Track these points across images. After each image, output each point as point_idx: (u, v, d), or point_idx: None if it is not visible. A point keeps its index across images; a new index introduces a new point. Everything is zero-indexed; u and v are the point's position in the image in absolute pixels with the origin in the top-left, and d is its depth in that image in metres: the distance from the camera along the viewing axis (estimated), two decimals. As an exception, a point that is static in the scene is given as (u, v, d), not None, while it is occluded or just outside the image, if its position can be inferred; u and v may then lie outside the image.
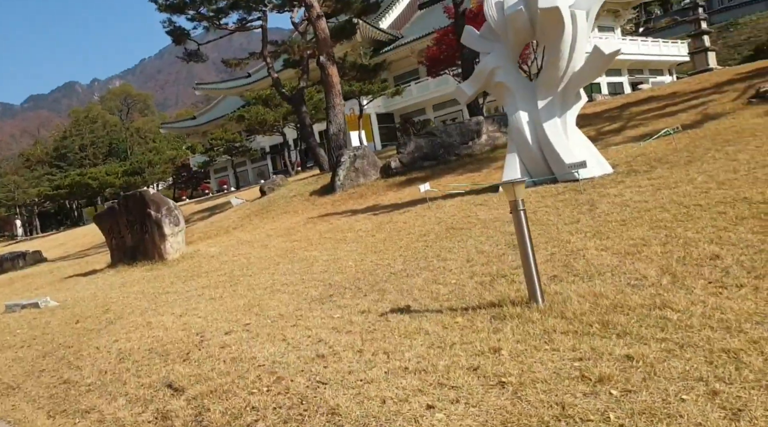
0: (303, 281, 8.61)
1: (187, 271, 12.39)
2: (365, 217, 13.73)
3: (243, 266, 11.21)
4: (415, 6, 66.07)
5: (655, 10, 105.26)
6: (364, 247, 10.23)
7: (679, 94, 21.29)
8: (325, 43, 23.60)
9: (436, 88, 53.31)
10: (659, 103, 20.57)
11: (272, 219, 18.78)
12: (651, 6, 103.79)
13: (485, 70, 12.60)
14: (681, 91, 21.91)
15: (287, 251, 11.80)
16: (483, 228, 9.30)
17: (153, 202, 14.36)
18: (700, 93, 19.97)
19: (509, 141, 12.68)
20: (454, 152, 19.19)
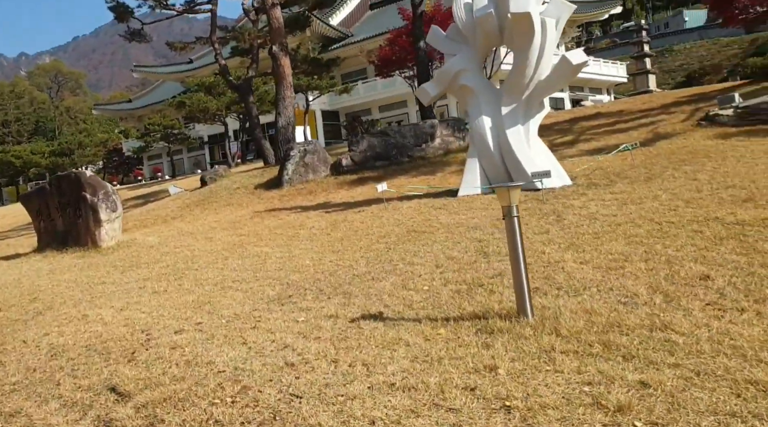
0: (257, 279, 8.07)
1: (124, 260, 11.57)
2: (317, 214, 13.23)
3: (187, 259, 10.53)
4: (366, 5, 65.75)
5: (595, 31, 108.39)
6: (320, 245, 9.76)
7: (627, 113, 21.69)
8: (278, 32, 22.90)
9: (384, 89, 53.08)
10: (608, 119, 20.89)
11: (215, 211, 17.99)
12: (592, 27, 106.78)
13: (450, 71, 12.33)
14: (627, 110, 22.34)
15: (235, 246, 11.17)
16: (447, 233, 8.98)
17: (89, 185, 13.41)
18: (647, 113, 20.37)
19: (470, 145, 12.45)
20: (407, 154, 18.89)
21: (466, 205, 11.01)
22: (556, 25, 11.36)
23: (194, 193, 22.27)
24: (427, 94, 12.72)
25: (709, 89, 25.78)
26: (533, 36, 11.00)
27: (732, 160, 11.26)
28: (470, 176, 12.17)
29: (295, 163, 19.00)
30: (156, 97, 73.49)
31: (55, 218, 13.97)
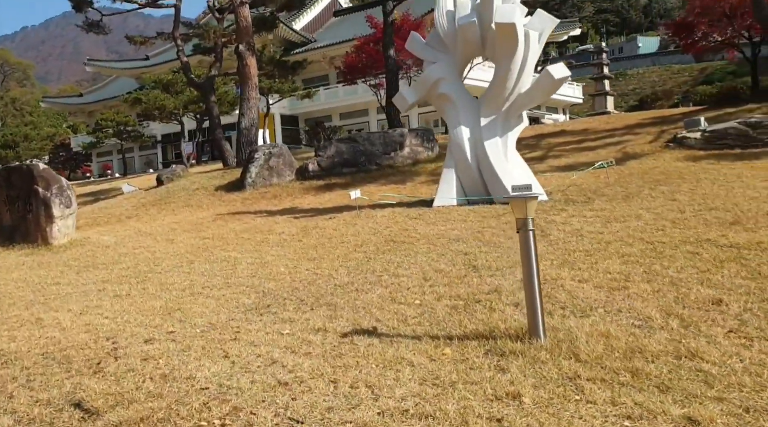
0: (228, 285, 7.57)
1: (78, 260, 10.84)
2: (286, 219, 12.73)
3: (149, 261, 9.90)
4: (330, 12, 65.41)
5: (552, 52, 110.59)
6: (293, 252, 9.29)
7: (591, 131, 21.86)
8: (246, 31, 22.30)
9: (345, 96, 52.74)
10: (574, 137, 21.00)
11: (173, 211, 17.25)
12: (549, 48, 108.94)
13: (429, 79, 12.06)
14: (592, 129, 22.52)
15: (200, 249, 10.59)
16: (429, 244, 8.64)
17: (42, 178, 12.61)
18: (612, 132, 20.56)
19: (447, 155, 12.18)
20: (375, 161, 18.55)
21: (443, 216, 10.71)
22: (539, 38, 11.23)
23: (150, 193, 21.41)
24: (405, 101, 12.41)
25: (668, 113, 26.31)
26: (516, 48, 10.82)
27: (707, 182, 11.27)
28: (446, 186, 11.89)
29: (260, 166, 18.42)
30: (109, 93, 71.58)
31: (2, 212, 13.07)
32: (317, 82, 53.30)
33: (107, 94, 70.93)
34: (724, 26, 25.28)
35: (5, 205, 13.01)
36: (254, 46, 22.68)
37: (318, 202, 15.12)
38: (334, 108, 52.25)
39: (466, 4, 11.83)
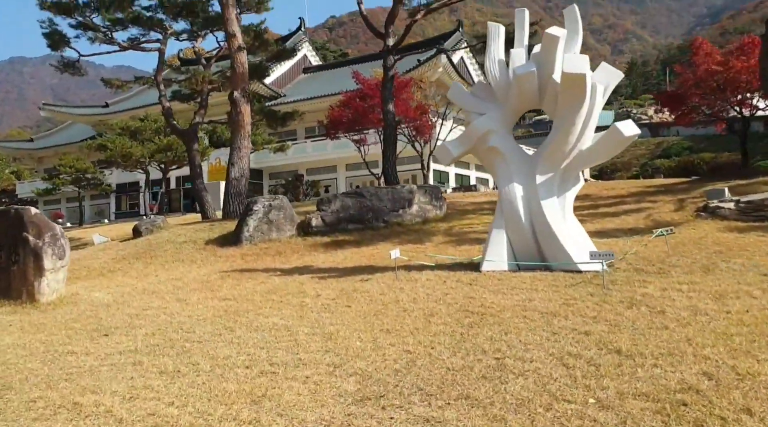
0: (304, 364, 6.17)
1: (78, 322, 9.19)
2: (311, 280, 11.34)
3: (174, 326, 8.36)
4: (299, 69, 65.30)
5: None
6: (351, 321, 7.93)
7: (596, 198, 21.29)
8: (242, 77, 21.19)
9: (314, 151, 51.97)
10: (582, 202, 20.31)
11: (164, 267, 15.57)
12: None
13: (478, 131, 11.11)
14: (594, 195, 21.97)
15: (229, 313, 9.10)
16: (522, 318, 7.43)
17: (33, 224, 10.96)
18: (622, 199, 20.03)
19: (497, 214, 11.11)
20: (383, 218, 17.39)
21: (505, 284, 9.54)
22: (604, 92, 10.45)
23: (129, 245, 19.61)
24: (449, 154, 11.39)
25: (662, 182, 26.18)
26: (583, 101, 9.99)
27: (777, 254, 10.50)
28: (496, 249, 10.78)
29: (258, 219, 17.01)
30: (62, 139, 69.28)
31: (-20, 261, 11.30)
32: (285, 136, 52.33)
33: (60, 141, 68.54)
34: (715, 99, 25.51)
35: (-16, 254, 11.24)
36: (249, 93, 21.58)
37: (333, 261, 13.78)
38: (302, 163, 51.28)
39: (521, 54, 11.06)
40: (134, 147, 39.00)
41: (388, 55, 22.82)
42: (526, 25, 11.33)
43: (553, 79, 10.43)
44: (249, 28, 24.26)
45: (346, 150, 49.39)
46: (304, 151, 51.38)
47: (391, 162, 22.79)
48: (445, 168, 50.58)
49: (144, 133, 40.49)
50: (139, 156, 39.29)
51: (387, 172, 22.69)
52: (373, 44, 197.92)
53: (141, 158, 39.88)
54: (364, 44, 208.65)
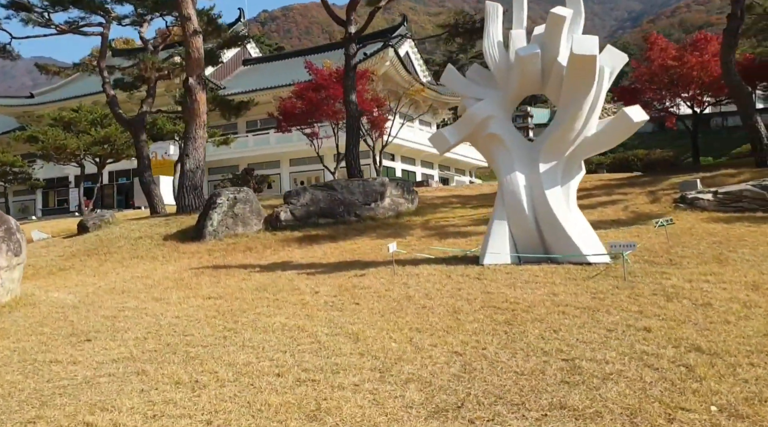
0: (343, 369, 5.43)
1: (47, 326, 8.10)
2: (298, 276, 10.53)
3: (167, 330, 7.42)
4: (239, 61, 63.50)
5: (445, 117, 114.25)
6: (369, 319, 7.21)
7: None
8: (197, 64, 19.95)
9: (255, 146, 50.67)
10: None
11: (123, 264, 14.33)
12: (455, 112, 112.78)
13: (476, 117, 10.54)
14: None
15: (222, 312, 8.21)
16: (560, 314, 6.88)
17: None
18: (590, 192, 19.91)
19: (498, 205, 10.57)
20: (354, 212, 16.64)
21: (516, 277, 9.00)
22: (610, 76, 10.04)
23: (75, 241, 18.13)
24: (446, 142, 10.78)
25: (613, 177, 26.41)
26: (592, 85, 9.56)
27: (775, 245, 10.38)
28: (498, 242, 10.23)
29: (223, 212, 15.95)
30: (-21, 131, 65.11)
31: None
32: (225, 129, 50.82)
33: (-23, 132, 64.46)
34: (667, 95, 25.88)
35: (-74, 250, 9.90)
36: (205, 80, 20.35)
37: (312, 256, 12.96)
38: (243, 158, 49.91)
39: (521, 35, 10.54)
40: (68, 139, 36.72)
41: (350, 42, 22.03)
42: (525, 5, 10.80)
43: (558, 62, 9.96)
44: (202, 13, 22.96)
45: (290, 144, 48.26)
46: (246, 146, 49.93)
47: (354, 154, 22.02)
48: (392, 164, 50.19)
49: (79, 125, 38.23)
50: (74, 149, 37.02)
51: (350, 165, 21.91)
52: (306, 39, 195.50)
53: (76, 151, 37.60)
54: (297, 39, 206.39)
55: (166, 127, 38.03)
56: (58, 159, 38.88)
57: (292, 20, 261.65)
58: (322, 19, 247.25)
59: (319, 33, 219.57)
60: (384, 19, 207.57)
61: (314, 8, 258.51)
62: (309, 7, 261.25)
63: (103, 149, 38.24)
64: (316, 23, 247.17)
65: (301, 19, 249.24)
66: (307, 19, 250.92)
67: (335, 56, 44.53)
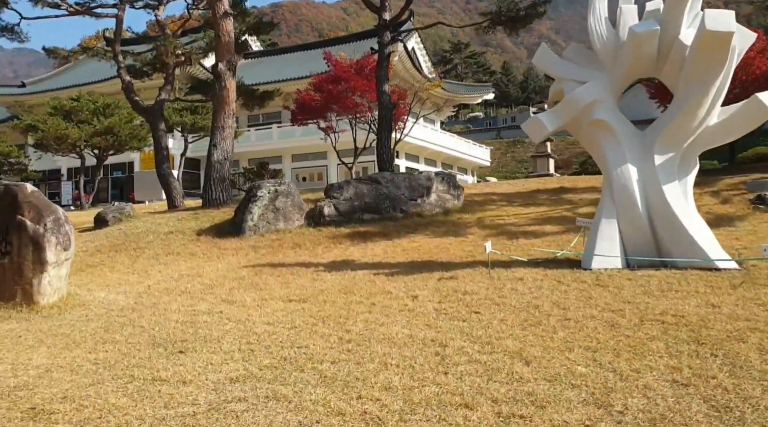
0: (549, 402, 4.34)
1: (113, 332, 6.92)
2: (375, 277, 9.41)
3: (270, 340, 6.27)
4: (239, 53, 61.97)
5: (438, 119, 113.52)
6: (511, 331, 6.11)
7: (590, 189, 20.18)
8: (227, 48, 18.71)
9: (257, 141, 49.40)
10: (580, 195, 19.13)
11: (159, 261, 13.07)
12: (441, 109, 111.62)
13: (581, 101, 9.46)
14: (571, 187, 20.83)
15: (320, 318, 7.07)
16: (755, 331, 5.80)
17: (31, 206, 8.48)
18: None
19: (606, 201, 9.48)
20: (400, 208, 15.51)
21: (645, 284, 7.94)
22: (738, 57, 8.99)
23: (96, 235, 16.83)
24: (542, 128, 9.67)
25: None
26: (723, 65, 8.51)
27: None
28: (607, 242, 9.16)
29: (264, 206, 14.75)
30: (-34, 120, 63.35)
31: (-48, 252, 8.70)
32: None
33: (-36, 121, 62.66)
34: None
35: (-43, 242, 8.67)
36: (236, 65, 19.11)
37: (372, 255, 11.83)
38: (243, 153, 48.43)
39: (632, 11, 9.49)
40: (70, 129, 35.18)
41: (385, 30, 20.86)
42: (633, -21, 9.75)
43: (679, 40, 8.91)
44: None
45: (292, 139, 47.07)
46: (248, 140, 48.54)
47: (386, 147, 20.88)
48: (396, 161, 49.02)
49: (80, 114, 36.72)
50: (76, 139, 35.48)
51: (382, 159, 20.77)
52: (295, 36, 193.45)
53: (77, 142, 36.06)
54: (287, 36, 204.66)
55: (173, 118, 36.64)
56: (57, 149, 37.26)
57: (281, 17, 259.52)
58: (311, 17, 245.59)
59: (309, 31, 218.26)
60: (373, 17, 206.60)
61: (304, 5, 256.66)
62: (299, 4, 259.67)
63: (105, 140, 36.73)
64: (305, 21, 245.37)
65: (290, 16, 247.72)
66: (296, 16, 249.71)
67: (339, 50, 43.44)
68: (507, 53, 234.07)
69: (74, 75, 56.30)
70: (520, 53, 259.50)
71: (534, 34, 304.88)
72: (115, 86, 47.85)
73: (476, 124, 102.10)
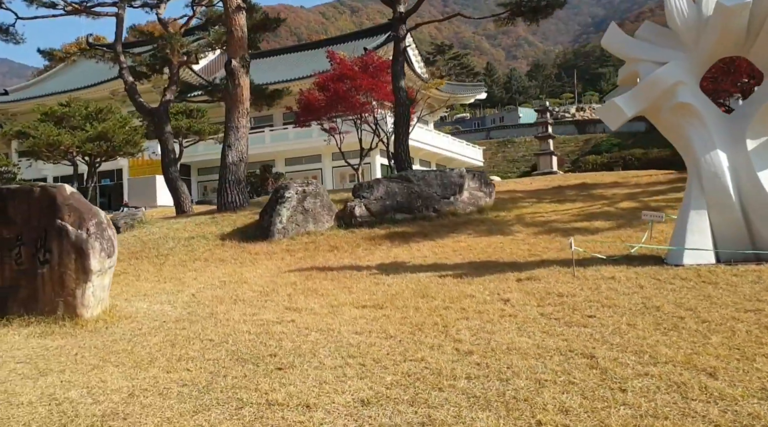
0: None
1: (180, 347, 6.08)
2: (441, 279, 8.66)
3: (372, 353, 5.48)
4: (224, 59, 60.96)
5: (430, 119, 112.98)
6: (659, 338, 5.38)
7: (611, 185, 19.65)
8: (240, 44, 17.82)
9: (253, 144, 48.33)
10: (622, 189, 18.57)
11: (186, 267, 12.16)
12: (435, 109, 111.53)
13: (661, 84, 8.77)
14: (593, 183, 20.31)
15: (419, 326, 6.30)
16: None
17: (71, 209, 7.59)
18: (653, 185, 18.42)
19: (693, 191, 8.78)
20: (433, 207, 14.74)
21: (756, 281, 7.25)
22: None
23: (108, 242, 15.84)
24: (620, 114, 8.94)
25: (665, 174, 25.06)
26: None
27: None
28: (698, 236, 8.47)
29: (292, 207, 13.91)
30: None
31: (-19, 262, 7.79)
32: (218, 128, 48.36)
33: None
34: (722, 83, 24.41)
35: (-10, 251, 7.76)
36: (249, 62, 18.22)
37: (422, 256, 11.05)
38: (236, 157, 47.30)
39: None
40: (63, 135, 34.00)
41: (400, 24, 20.10)
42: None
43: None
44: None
45: (285, 143, 46.19)
46: (242, 144, 47.58)
47: (404, 145, 20.11)
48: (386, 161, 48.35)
49: (72, 120, 35.59)
50: (69, 145, 34.31)
51: (399, 157, 19.99)
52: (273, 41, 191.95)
53: (70, 148, 34.89)
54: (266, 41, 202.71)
55: (180, 121, 35.62)
56: (48, 157, 36.05)
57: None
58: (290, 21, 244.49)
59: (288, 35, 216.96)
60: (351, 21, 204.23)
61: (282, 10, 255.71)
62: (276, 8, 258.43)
63: (99, 146, 35.56)
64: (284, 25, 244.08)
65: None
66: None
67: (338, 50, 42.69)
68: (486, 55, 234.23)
69: (58, 82, 54.91)
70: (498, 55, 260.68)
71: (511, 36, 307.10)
72: (101, 92, 46.75)
73: (465, 125, 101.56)
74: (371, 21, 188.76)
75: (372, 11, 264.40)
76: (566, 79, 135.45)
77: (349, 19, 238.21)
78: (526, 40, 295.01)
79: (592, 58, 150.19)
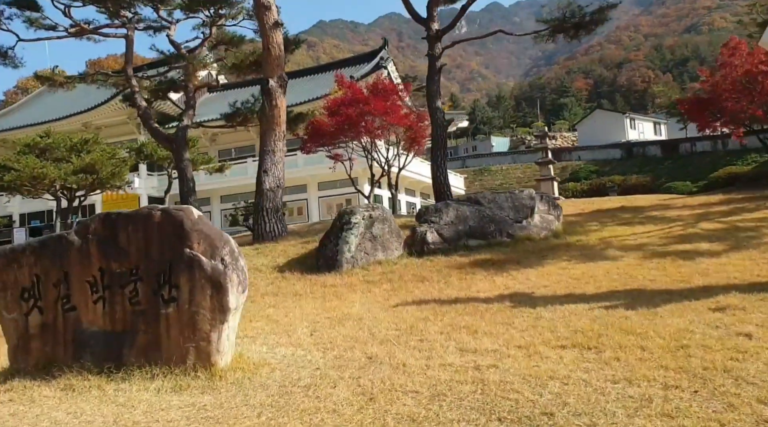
0: None
1: (385, 413, 4.75)
2: (608, 311, 7.49)
3: (692, 414, 4.26)
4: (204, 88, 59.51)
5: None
6: None
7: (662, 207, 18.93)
8: (277, 62, 16.59)
9: (232, 176, 46.68)
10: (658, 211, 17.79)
11: (255, 302, 10.64)
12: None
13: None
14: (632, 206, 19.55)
15: (690, 374, 5.08)
16: None
17: (201, 234, 6.19)
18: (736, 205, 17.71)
19: None
20: (506, 231, 13.63)
21: None
22: None
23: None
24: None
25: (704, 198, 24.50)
26: None
27: None
28: None
29: (360, 235, 12.61)
30: None
31: (84, 304, 6.31)
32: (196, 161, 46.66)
33: None
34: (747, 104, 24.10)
35: (93, 290, 6.29)
36: (287, 82, 16.96)
37: (542, 286, 9.91)
38: (214, 189, 45.64)
39: None
40: (47, 167, 31.94)
41: (435, 42, 19.18)
42: None
43: None
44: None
45: (279, 171, 44.77)
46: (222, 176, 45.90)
47: (443, 170, 19.04)
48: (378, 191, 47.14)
49: (55, 152, 33.59)
50: (54, 178, 32.24)
51: (439, 184, 18.85)
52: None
53: (54, 182, 32.80)
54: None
55: (157, 153, 33.88)
56: (29, 191, 33.87)
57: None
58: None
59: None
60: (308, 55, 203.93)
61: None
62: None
63: (85, 179, 33.54)
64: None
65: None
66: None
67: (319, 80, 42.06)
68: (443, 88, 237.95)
69: (24, 115, 52.56)
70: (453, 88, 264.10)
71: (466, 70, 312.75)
72: (74, 125, 44.77)
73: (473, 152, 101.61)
74: (328, 56, 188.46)
75: (328, 46, 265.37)
76: (527, 109, 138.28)
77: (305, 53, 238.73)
78: (480, 74, 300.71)
79: (548, 90, 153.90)
